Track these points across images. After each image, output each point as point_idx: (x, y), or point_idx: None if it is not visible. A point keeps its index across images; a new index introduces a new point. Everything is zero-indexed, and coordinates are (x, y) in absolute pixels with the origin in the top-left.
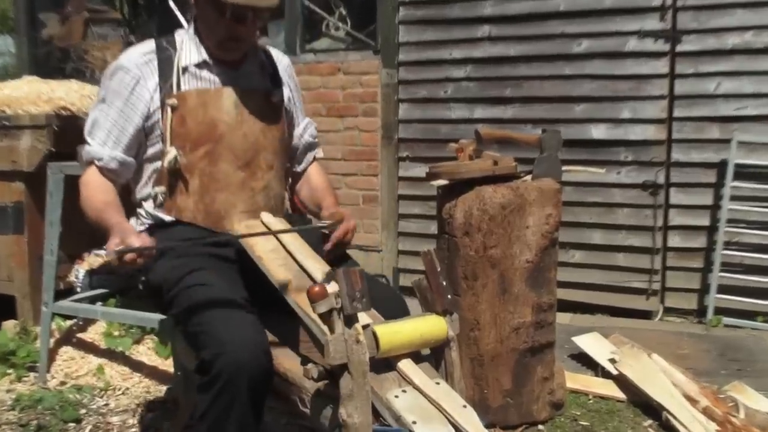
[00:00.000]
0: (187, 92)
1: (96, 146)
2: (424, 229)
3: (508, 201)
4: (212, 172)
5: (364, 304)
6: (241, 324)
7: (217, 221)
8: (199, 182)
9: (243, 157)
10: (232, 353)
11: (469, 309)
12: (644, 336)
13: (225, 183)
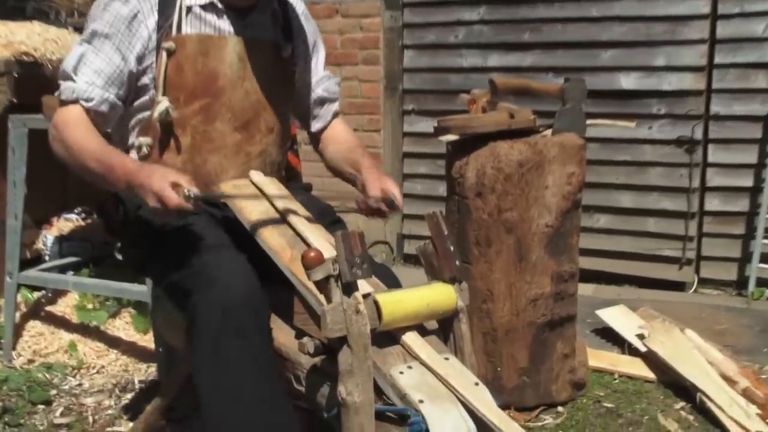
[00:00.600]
0: (187, 36)
1: (82, 84)
2: (431, 191)
3: (526, 158)
4: (206, 131)
5: (364, 271)
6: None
7: (206, 186)
8: (190, 140)
9: (242, 117)
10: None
11: (481, 278)
12: (677, 309)
13: (219, 144)
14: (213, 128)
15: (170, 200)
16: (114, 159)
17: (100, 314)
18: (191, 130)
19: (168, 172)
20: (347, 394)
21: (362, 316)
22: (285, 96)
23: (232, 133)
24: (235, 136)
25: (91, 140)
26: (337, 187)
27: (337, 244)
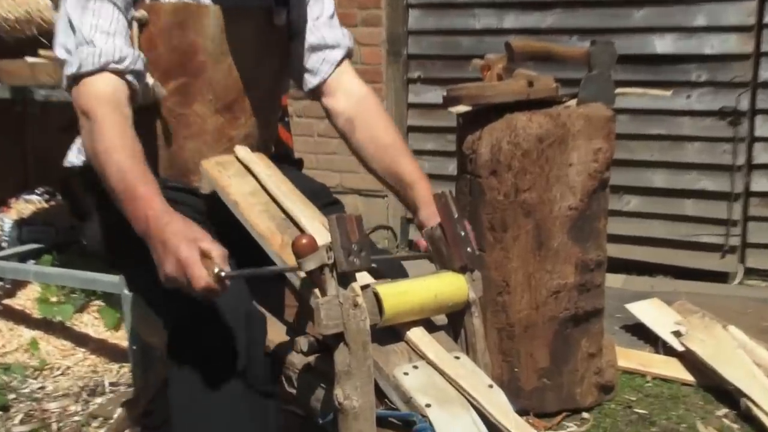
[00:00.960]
0: (161, 4)
1: (106, 45)
2: (439, 169)
3: (547, 132)
4: (183, 114)
5: (362, 259)
6: None
7: (183, 174)
8: (165, 125)
9: (224, 98)
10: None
11: (496, 267)
12: (718, 303)
13: (198, 129)
14: (191, 111)
15: (197, 279)
16: (141, 189)
17: (65, 308)
18: (166, 112)
19: (199, 234)
20: (345, 397)
21: (361, 310)
22: (277, 70)
23: (212, 116)
24: (217, 120)
25: (124, 148)
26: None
27: (332, 228)
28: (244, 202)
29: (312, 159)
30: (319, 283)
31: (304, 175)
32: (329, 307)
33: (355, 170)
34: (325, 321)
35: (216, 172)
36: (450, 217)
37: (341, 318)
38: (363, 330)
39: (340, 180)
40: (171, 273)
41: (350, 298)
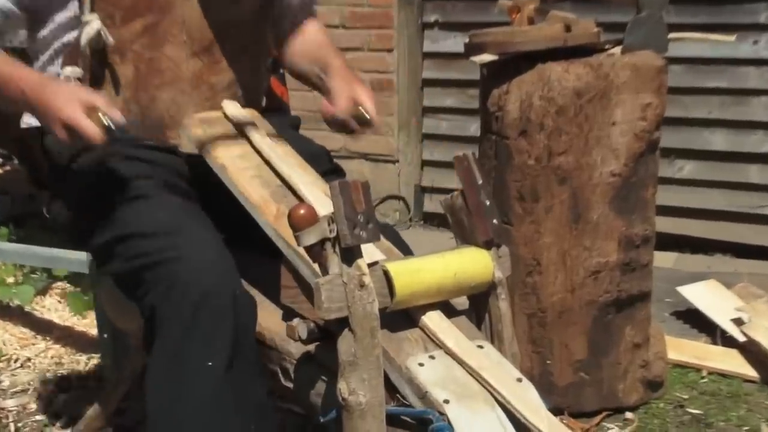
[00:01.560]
0: None
1: None
2: (459, 129)
3: (586, 85)
4: (153, 59)
5: (369, 232)
6: (201, 242)
7: (158, 131)
8: (133, 72)
9: (201, 38)
10: (189, 286)
11: (525, 243)
12: None
13: (172, 75)
14: (162, 54)
15: (87, 133)
16: (5, 71)
17: (24, 290)
18: (133, 58)
19: (78, 89)
20: (350, 392)
21: (368, 290)
22: (256, 10)
23: (188, 60)
24: (194, 64)
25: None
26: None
27: (334, 197)
28: (233, 166)
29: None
30: (319, 260)
31: (301, 135)
32: (331, 287)
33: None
34: (327, 304)
35: (200, 131)
36: (473, 184)
37: (345, 300)
38: (371, 314)
39: (343, 142)
40: (61, 135)
41: (356, 277)
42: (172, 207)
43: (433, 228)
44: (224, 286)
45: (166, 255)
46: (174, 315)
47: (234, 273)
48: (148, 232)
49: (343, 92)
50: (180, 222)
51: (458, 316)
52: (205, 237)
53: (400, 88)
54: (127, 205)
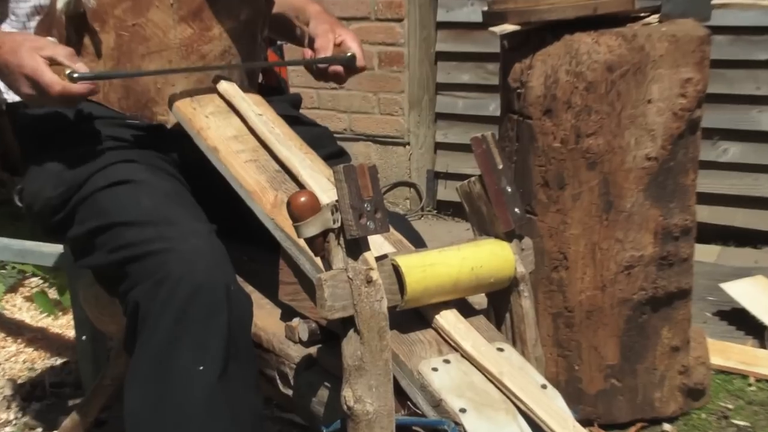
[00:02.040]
0: None
1: None
2: (477, 108)
3: (619, 58)
4: (137, 26)
5: (378, 222)
6: (191, 233)
7: (144, 106)
8: (115, 40)
9: (189, 2)
10: (180, 283)
11: (551, 235)
12: None
13: (158, 44)
14: (147, 21)
15: (50, 86)
16: None
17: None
18: (115, 25)
19: (39, 42)
20: (356, 400)
21: (376, 287)
22: None
23: (176, 26)
24: (182, 31)
25: None
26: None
27: (339, 183)
28: (227, 148)
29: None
30: (322, 254)
31: (302, 116)
32: (335, 283)
33: (368, 110)
34: (330, 302)
35: (189, 110)
36: (492, 168)
37: (351, 298)
38: (379, 313)
39: (348, 122)
40: (26, 91)
41: (362, 272)
42: (158, 193)
43: (447, 218)
44: (217, 280)
45: (153, 246)
46: (161, 312)
47: (228, 266)
48: (132, 221)
49: (324, 35)
50: (168, 210)
51: (476, 316)
52: (196, 227)
53: (410, 62)
54: (108, 191)
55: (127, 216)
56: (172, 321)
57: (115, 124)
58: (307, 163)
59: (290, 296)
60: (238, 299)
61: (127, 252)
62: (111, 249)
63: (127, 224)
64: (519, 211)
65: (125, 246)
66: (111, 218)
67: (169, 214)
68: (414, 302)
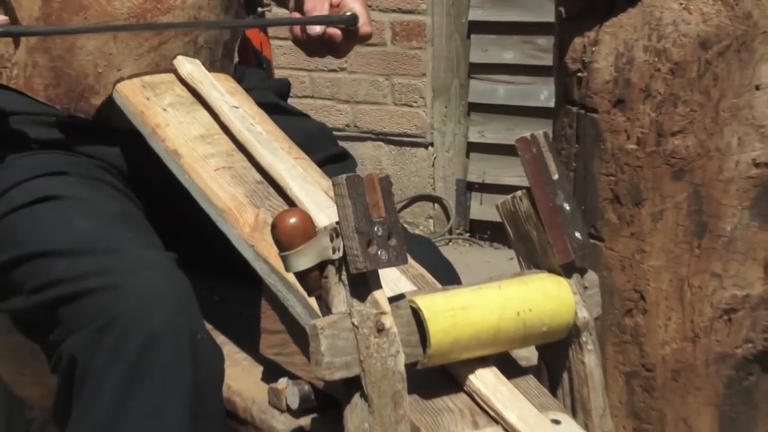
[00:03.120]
0: None
1: None
2: (522, 97)
3: (717, 30)
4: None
5: (392, 251)
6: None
7: (78, 96)
8: (40, 6)
9: None
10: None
11: (623, 267)
12: None
13: (99, 12)
14: None
15: None
16: None
17: None
18: None
19: None
20: None
21: (390, 338)
22: None
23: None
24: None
25: None
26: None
27: (340, 198)
28: (192, 152)
29: (304, 80)
30: (318, 293)
31: (290, 107)
32: (336, 332)
33: (378, 100)
34: (329, 357)
35: (141, 101)
36: (545, 180)
37: (356, 352)
38: (394, 372)
39: (352, 116)
40: None
41: (371, 317)
42: (98, 212)
43: (483, 243)
44: (180, 327)
45: (91, 282)
46: (106, 370)
47: (194, 308)
48: (62, 250)
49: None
50: (111, 234)
51: (523, 376)
52: (150, 256)
53: (435, 35)
54: (29, 212)
55: (55, 243)
56: (120, 382)
57: (40, 122)
58: (299, 172)
59: (275, 349)
60: (206, 352)
61: (57, 291)
62: (34, 288)
63: (56, 254)
64: (580, 236)
65: (54, 283)
66: (33, 247)
67: (113, 240)
68: (440, 358)
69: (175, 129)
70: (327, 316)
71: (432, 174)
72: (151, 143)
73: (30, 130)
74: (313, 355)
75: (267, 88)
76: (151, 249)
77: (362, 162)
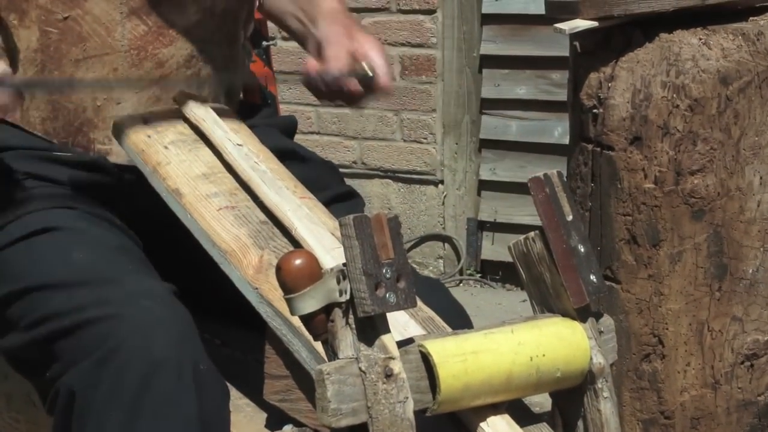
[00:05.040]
0: None
1: None
2: (536, 133)
3: (738, 66)
4: (71, 20)
5: (401, 294)
6: (150, 292)
7: (76, 130)
8: (39, 39)
9: None
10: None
11: (641, 310)
12: None
13: (99, 45)
14: (84, 14)
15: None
16: None
17: None
18: (39, 17)
19: None
20: None
21: (398, 384)
22: None
23: (124, 22)
24: (133, 28)
25: None
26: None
27: (347, 239)
28: (194, 191)
29: (310, 116)
30: (324, 337)
31: (297, 145)
32: (342, 378)
33: (386, 136)
34: (335, 404)
35: (142, 138)
36: (559, 220)
37: (364, 398)
38: (403, 420)
39: (359, 153)
40: None
41: (379, 362)
42: (97, 244)
43: (495, 284)
44: (181, 354)
45: (88, 314)
46: (107, 404)
47: (195, 337)
48: (61, 283)
49: (337, 42)
50: (109, 265)
51: (537, 424)
52: (149, 285)
53: (445, 69)
54: (25, 245)
55: (53, 276)
56: (124, 416)
57: (36, 157)
58: (304, 212)
59: (279, 395)
60: (210, 384)
61: (54, 325)
62: (31, 322)
63: (53, 287)
64: (596, 279)
65: (50, 317)
66: (30, 280)
67: (111, 271)
68: (451, 404)
69: (177, 167)
70: (333, 361)
71: (442, 213)
72: (152, 182)
73: (27, 165)
74: (318, 402)
75: (272, 126)
76: (149, 279)
77: (370, 200)
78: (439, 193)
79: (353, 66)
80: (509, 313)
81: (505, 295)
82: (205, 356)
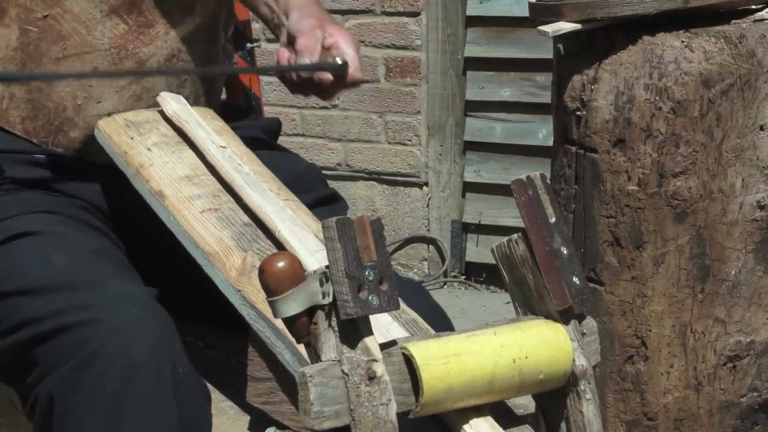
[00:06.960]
0: None
1: None
2: (521, 136)
3: (720, 68)
4: (50, 18)
5: (384, 297)
6: (130, 295)
7: (56, 130)
8: (18, 38)
9: None
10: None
11: (624, 312)
12: None
13: (79, 44)
14: (64, 12)
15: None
16: None
17: None
18: (18, 16)
19: None
20: None
21: (381, 386)
22: None
23: (104, 21)
24: (113, 27)
25: None
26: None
27: (330, 241)
28: (176, 193)
29: (294, 117)
30: (307, 339)
31: (280, 147)
32: (325, 380)
33: (371, 138)
34: (318, 406)
35: (124, 140)
36: (542, 222)
37: (346, 401)
38: (385, 422)
39: (343, 155)
40: None
41: (362, 365)
42: (76, 248)
43: (480, 286)
44: (160, 356)
45: (68, 318)
46: (87, 408)
47: (175, 340)
48: (40, 287)
49: (309, 33)
50: (89, 269)
51: (519, 426)
52: (129, 290)
53: (430, 71)
54: (6, 249)
55: (32, 280)
56: (103, 420)
57: (13, 160)
58: (288, 214)
59: (262, 398)
60: (190, 388)
61: (33, 330)
62: (9, 327)
63: (32, 292)
64: (579, 281)
65: (29, 322)
66: (8, 285)
67: (91, 275)
68: (434, 407)
69: (160, 169)
70: (316, 364)
71: (426, 215)
72: (135, 184)
73: (6, 166)
74: (301, 404)
75: (256, 127)
76: (130, 283)
77: (354, 202)
78: (424, 195)
79: (324, 57)
80: (494, 314)
81: (490, 297)
82: (185, 359)
